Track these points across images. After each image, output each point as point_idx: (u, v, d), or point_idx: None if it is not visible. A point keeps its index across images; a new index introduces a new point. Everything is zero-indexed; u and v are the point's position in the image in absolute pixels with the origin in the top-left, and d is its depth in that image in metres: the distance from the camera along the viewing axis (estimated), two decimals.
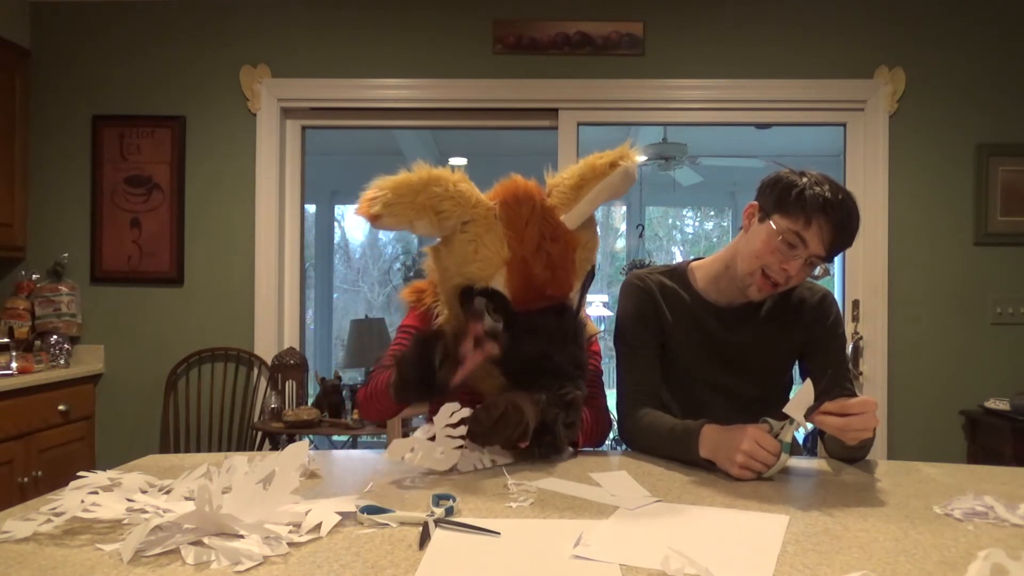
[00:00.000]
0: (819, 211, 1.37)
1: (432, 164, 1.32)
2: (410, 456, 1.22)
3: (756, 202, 1.49)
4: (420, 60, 3.25)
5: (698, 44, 3.23)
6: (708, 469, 1.30)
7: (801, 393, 1.25)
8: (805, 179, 1.41)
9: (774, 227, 1.41)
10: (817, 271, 1.45)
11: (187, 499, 0.97)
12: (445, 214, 1.29)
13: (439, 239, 1.39)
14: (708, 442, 1.30)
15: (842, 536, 0.93)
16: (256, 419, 3.20)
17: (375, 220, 1.27)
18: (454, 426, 1.24)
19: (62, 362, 3.12)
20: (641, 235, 6.88)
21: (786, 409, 1.23)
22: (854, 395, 1.54)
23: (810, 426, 1.30)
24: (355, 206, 1.29)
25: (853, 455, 1.37)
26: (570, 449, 1.41)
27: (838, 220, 1.38)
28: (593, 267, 1.43)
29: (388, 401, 1.39)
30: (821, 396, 1.26)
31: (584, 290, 1.42)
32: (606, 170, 1.33)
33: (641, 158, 1.39)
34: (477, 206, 1.31)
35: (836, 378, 1.52)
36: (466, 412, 1.23)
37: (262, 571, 0.80)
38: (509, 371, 1.37)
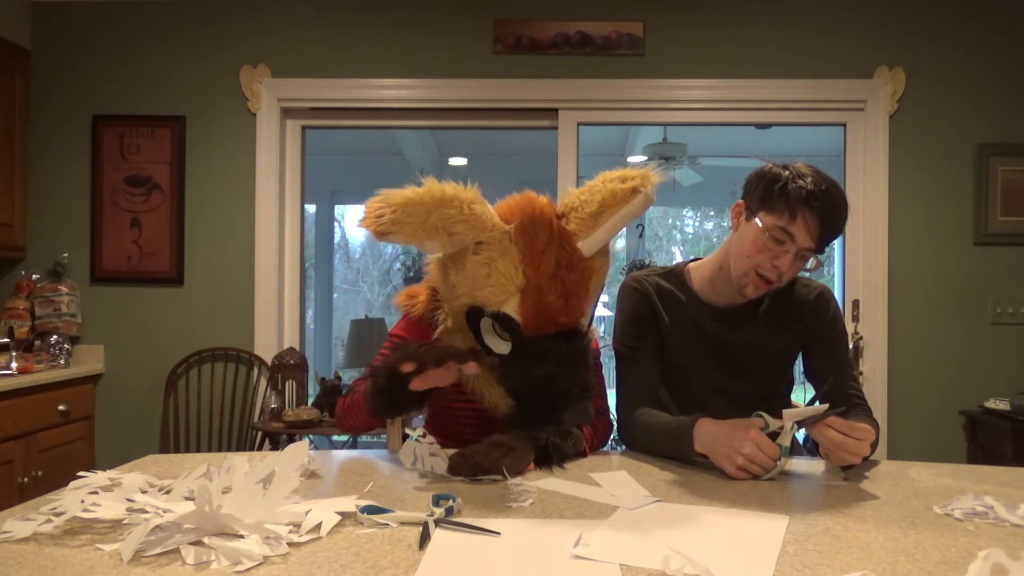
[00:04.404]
0: (803, 204, 1.36)
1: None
2: (417, 461, 1.25)
3: (742, 200, 1.48)
4: (420, 60, 3.25)
5: (698, 44, 3.23)
6: (703, 465, 1.30)
7: (810, 407, 1.25)
8: (787, 172, 1.39)
9: (760, 224, 1.40)
10: (810, 264, 1.43)
11: (187, 499, 0.97)
12: (458, 236, 1.24)
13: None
14: (704, 436, 1.29)
15: (842, 536, 0.93)
16: (256, 419, 3.20)
17: (382, 236, 1.23)
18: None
19: (62, 362, 3.12)
20: (641, 235, 6.89)
21: (787, 415, 1.23)
22: (860, 392, 1.55)
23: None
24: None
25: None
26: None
27: (823, 211, 1.37)
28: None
29: (364, 414, 1.37)
30: (826, 403, 1.26)
31: (593, 310, 1.41)
32: (628, 196, 1.28)
33: (646, 168, 1.34)
34: (493, 229, 1.25)
35: (841, 376, 1.52)
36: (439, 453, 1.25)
37: (262, 571, 0.80)
38: (516, 393, 1.35)
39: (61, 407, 2.98)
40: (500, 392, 1.38)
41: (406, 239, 1.25)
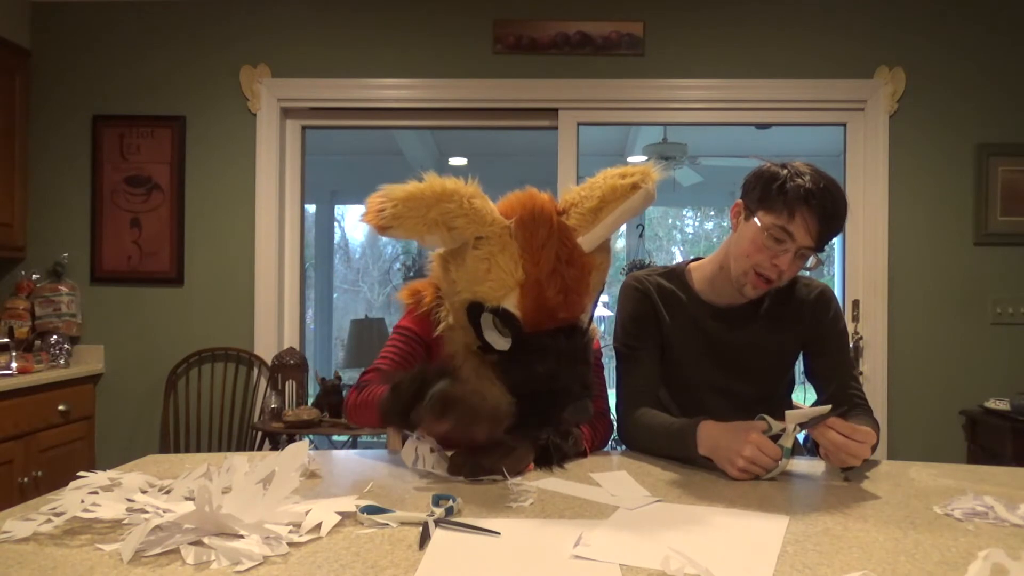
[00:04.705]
0: (801, 202, 1.36)
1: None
2: (418, 460, 1.26)
3: (741, 200, 1.48)
4: (420, 60, 3.25)
5: (698, 44, 3.23)
6: (704, 465, 1.30)
7: (813, 408, 1.25)
8: (786, 171, 1.40)
9: (759, 224, 1.41)
10: (810, 262, 1.43)
11: (187, 499, 0.97)
12: (458, 231, 1.25)
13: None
14: (707, 439, 1.29)
15: (842, 536, 0.93)
16: (256, 419, 3.20)
17: (383, 231, 1.24)
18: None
19: (62, 362, 3.12)
20: (641, 235, 6.89)
21: (790, 416, 1.23)
22: (861, 393, 1.54)
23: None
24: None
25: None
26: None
27: (822, 209, 1.37)
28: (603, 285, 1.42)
29: (375, 416, 1.37)
30: (828, 403, 1.25)
31: (593, 308, 1.41)
32: (628, 192, 1.28)
33: (647, 165, 1.34)
34: (492, 224, 1.26)
35: (842, 376, 1.52)
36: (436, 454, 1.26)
37: (262, 571, 0.80)
38: (515, 390, 1.36)
39: (61, 407, 2.98)
40: (498, 390, 1.38)
41: (407, 233, 1.26)
